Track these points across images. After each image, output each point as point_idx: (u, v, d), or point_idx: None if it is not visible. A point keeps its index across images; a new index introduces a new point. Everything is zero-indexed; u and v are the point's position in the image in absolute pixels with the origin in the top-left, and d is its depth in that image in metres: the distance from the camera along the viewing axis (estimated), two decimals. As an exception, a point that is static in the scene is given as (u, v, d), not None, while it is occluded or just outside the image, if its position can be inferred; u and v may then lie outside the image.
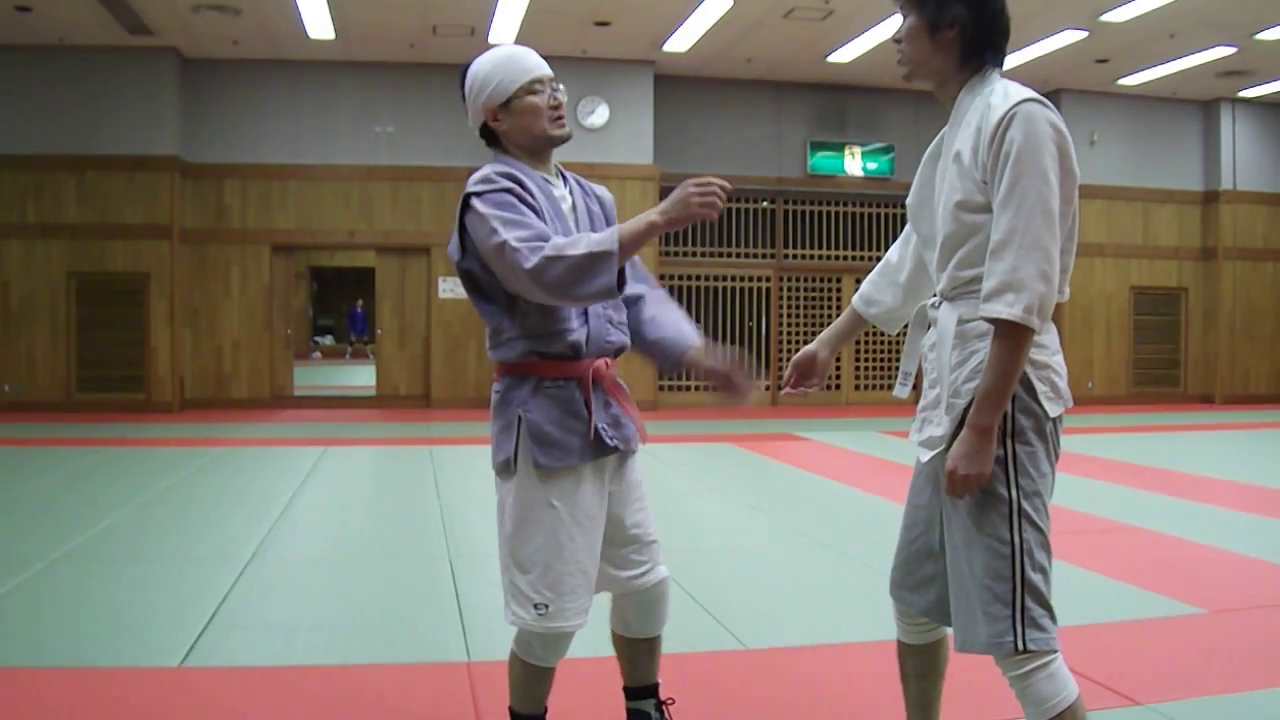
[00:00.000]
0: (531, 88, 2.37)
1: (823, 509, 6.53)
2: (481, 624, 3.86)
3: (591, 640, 2.64)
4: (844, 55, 12.36)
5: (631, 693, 2.62)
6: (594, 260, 2.14)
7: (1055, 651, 1.97)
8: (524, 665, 2.40)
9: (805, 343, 2.44)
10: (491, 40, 11.84)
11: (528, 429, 2.31)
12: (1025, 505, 1.97)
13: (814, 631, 3.83)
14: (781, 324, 14.08)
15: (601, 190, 2.56)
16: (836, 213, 14.29)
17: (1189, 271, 14.84)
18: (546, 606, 2.29)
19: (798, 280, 14.17)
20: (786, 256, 14.12)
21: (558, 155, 2.49)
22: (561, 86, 2.43)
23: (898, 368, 2.34)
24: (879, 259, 2.56)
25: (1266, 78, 13.32)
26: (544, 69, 2.41)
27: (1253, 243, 14.77)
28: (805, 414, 12.70)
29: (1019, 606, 1.95)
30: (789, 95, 13.79)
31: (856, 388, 14.31)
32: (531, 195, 2.29)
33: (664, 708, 2.61)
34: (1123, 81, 13.60)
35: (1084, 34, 11.45)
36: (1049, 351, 2.04)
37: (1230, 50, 12.03)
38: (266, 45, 12.08)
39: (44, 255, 12.11)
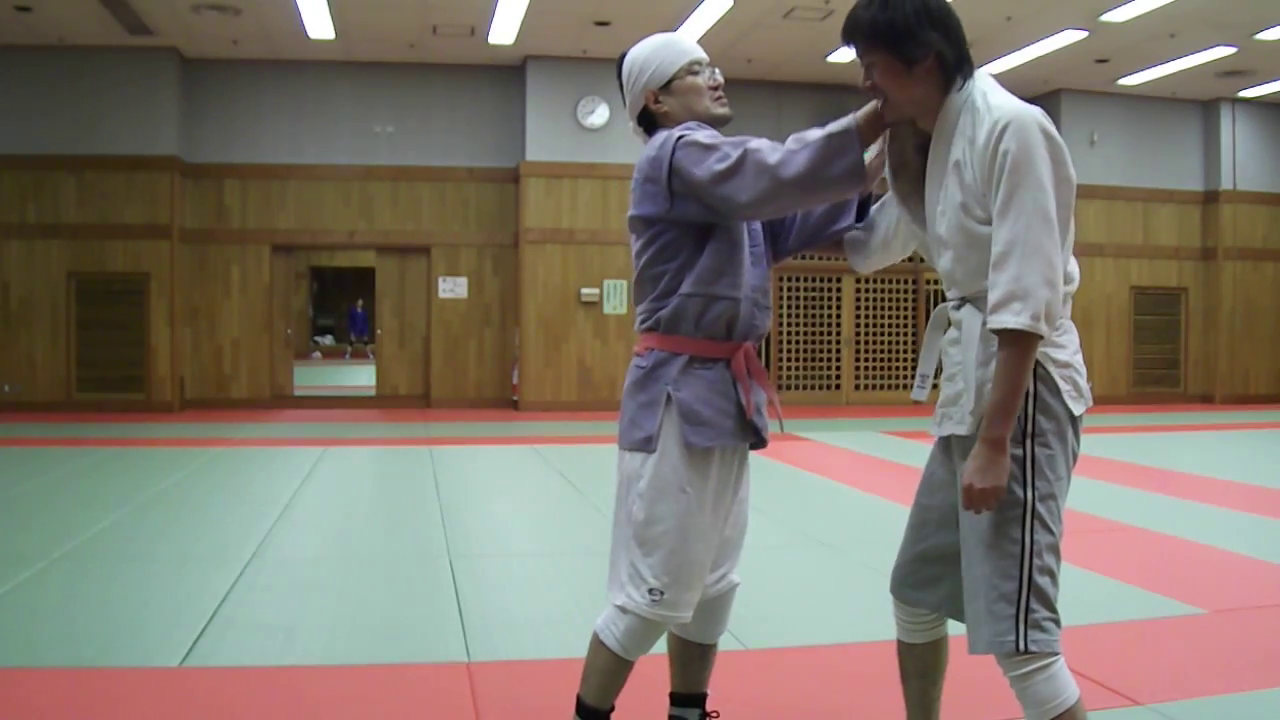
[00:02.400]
0: (691, 68, 2.40)
1: (823, 509, 6.53)
2: (481, 624, 3.86)
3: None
4: (844, 55, 12.33)
5: (677, 699, 2.58)
6: (835, 139, 2.10)
7: (1056, 654, 1.97)
8: (608, 655, 2.34)
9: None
10: (492, 40, 11.85)
11: (678, 407, 2.28)
12: (1039, 508, 1.98)
13: (814, 631, 3.84)
14: (781, 324, 14.07)
15: None
16: (836, 213, 14.27)
17: (1189, 271, 14.83)
18: (662, 593, 2.28)
19: (797, 280, 14.16)
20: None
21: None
22: (718, 70, 2.45)
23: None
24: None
25: (1266, 78, 13.31)
26: (701, 51, 2.44)
27: (1253, 243, 14.76)
28: (805, 414, 12.69)
29: (1023, 607, 1.95)
30: (789, 95, 13.78)
31: (856, 388, 14.30)
32: None
33: (707, 719, 2.58)
34: (1123, 81, 13.60)
35: (1084, 34, 11.45)
36: (1069, 351, 2.04)
37: (1230, 50, 12.02)
38: (266, 45, 12.08)
39: (44, 255, 12.11)
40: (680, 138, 2.26)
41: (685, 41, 2.45)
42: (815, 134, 2.13)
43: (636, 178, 2.34)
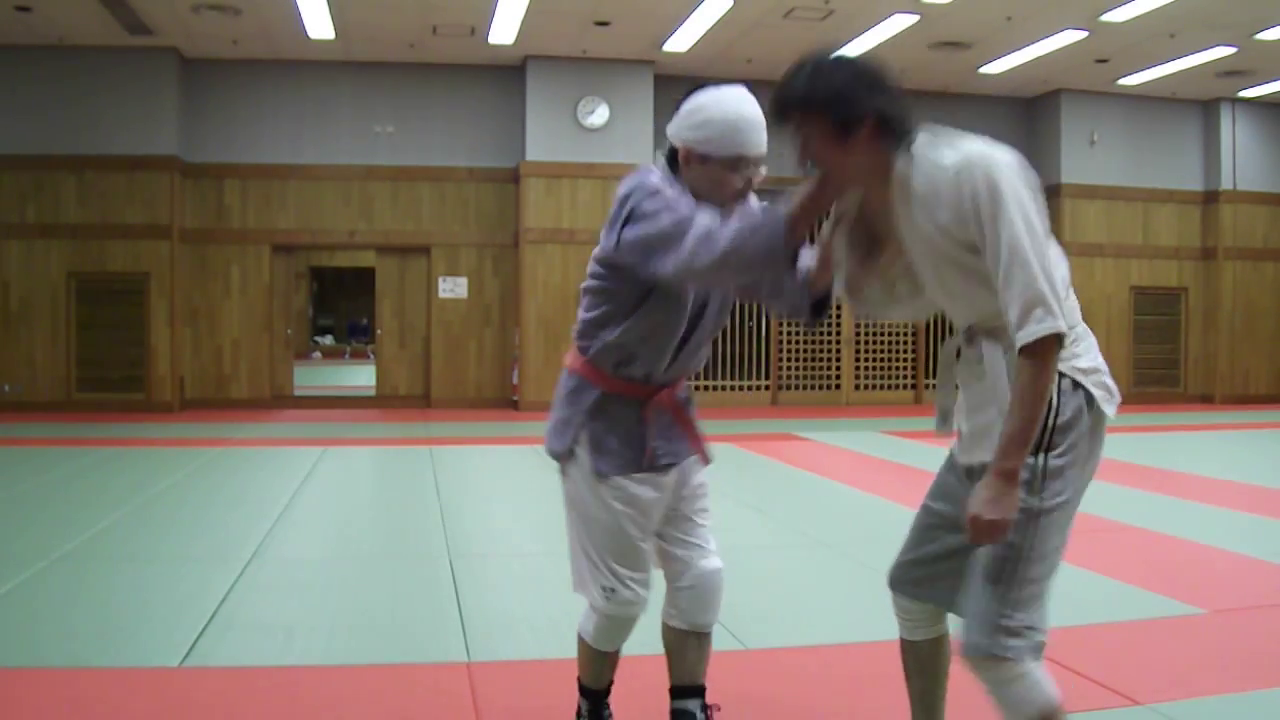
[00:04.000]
0: (734, 164, 2.34)
1: (823, 509, 6.53)
2: (481, 624, 3.86)
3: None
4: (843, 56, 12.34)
5: (677, 691, 2.62)
6: (765, 216, 2.17)
7: (1037, 660, 1.97)
8: (589, 649, 2.60)
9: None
10: (492, 40, 11.84)
11: (589, 436, 2.44)
12: (1043, 519, 1.97)
13: (814, 631, 3.84)
14: (781, 324, 14.07)
15: None
16: (836, 213, 14.28)
17: (1189, 271, 14.83)
18: (613, 590, 2.46)
19: (798, 280, 14.14)
20: (786, 256, 14.09)
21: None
22: (764, 169, 2.39)
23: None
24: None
25: (1266, 78, 13.31)
26: (758, 149, 2.35)
27: (1253, 243, 14.76)
28: (805, 414, 12.70)
29: (1002, 613, 1.96)
30: (789, 95, 13.77)
31: (856, 388, 14.30)
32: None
33: (709, 711, 2.61)
34: (1123, 81, 13.59)
35: (1084, 34, 11.45)
36: (1091, 356, 2.03)
37: (1230, 50, 12.02)
38: (266, 45, 12.08)
39: (44, 255, 12.10)
40: (647, 187, 2.31)
41: (750, 134, 2.34)
42: (750, 211, 2.24)
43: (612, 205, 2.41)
